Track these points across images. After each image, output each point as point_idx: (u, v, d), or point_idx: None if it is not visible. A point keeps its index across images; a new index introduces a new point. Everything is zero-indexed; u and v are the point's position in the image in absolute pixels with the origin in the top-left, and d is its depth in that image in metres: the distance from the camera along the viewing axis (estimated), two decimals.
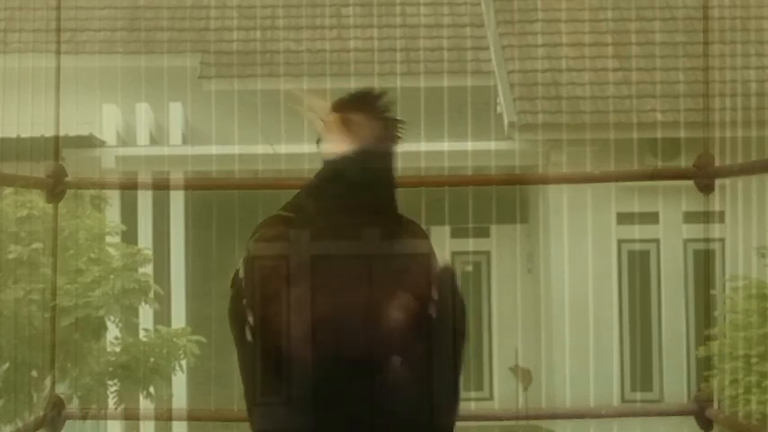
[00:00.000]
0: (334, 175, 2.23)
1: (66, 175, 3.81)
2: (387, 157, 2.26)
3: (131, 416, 8.66)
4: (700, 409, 3.41)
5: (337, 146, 2.25)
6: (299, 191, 2.30)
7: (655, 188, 10.71)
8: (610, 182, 8.36)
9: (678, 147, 10.55)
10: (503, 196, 11.22)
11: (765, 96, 10.96)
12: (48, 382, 6.29)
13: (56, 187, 3.76)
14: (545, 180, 9.13)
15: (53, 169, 3.79)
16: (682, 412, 3.53)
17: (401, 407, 2.11)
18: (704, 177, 3.48)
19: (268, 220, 2.27)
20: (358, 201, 2.20)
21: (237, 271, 2.25)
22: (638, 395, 11.37)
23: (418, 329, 2.11)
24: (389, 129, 2.27)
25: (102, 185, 7.41)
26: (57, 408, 3.77)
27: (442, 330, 2.16)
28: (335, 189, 2.22)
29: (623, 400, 11.28)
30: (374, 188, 2.24)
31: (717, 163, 3.62)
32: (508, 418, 4.34)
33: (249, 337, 2.16)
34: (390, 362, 2.09)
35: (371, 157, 2.24)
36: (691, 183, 3.66)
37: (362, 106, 2.28)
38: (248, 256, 2.22)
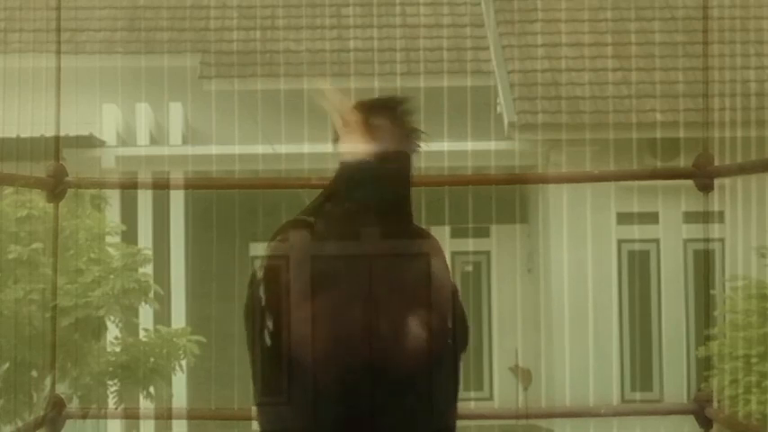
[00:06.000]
0: (355, 180, 2.19)
1: (67, 175, 3.81)
2: (406, 163, 2.23)
3: (131, 416, 8.66)
4: (699, 408, 3.41)
5: (357, 148, 2.21)
6: (320, 194, 2.25)
7: (655, 188, 10.71)
8: (609, 181, 8.35)
9: (678, 147, 10.54)
10: (503, 196, 11.21)
11: (765, 96, 10.96)
12: (48, 382, 6.29)
13: (56, 187, 3.76)
14: (545, 180, 9.11)
15: (53, 169, 3.78)
16: (682, 411, 3.54)
17: (410, 419, 2.11)
18: (704, 177, 3.49)
19: (289, 223, 2.24)
20: (379, 207, 2.17)
21: (255, 272, 2.23)
22: (638, 395, 11.37)
23: (437, 349, 2.11)
24: (411, 136, 2.24)
25: (103, 185, 7.39)
26: (57, 407, 3.77)
27: (453, 349, 2.16)
28: (356, 194, 2.17)
29: (623, 400, 11.29)
30: (395, 195, 2.20)
31: (716, 162, 3.63)
32: (508, 418, 4.34)
33: (268, 341, 2.14)
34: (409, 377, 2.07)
35: (392, 164, 2.20)
36: (691, 183, 3.66)
37: (386, 111, 2.24)
38: (268, 259, 2.19)
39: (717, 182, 3.61)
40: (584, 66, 11.75)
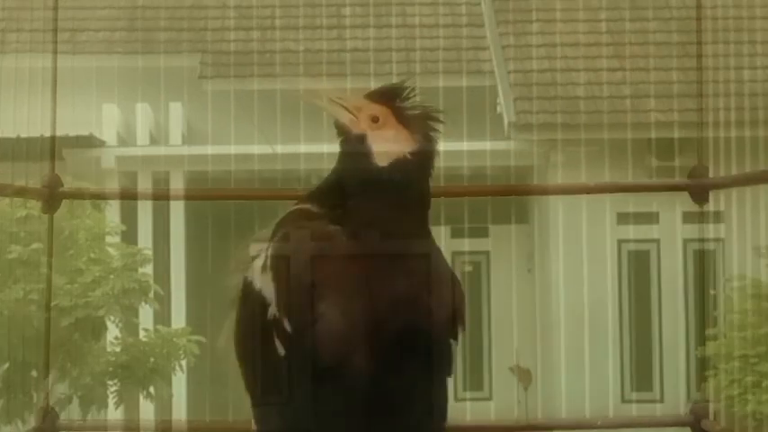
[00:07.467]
0: (383, 177, 2.08)
1: (62, 185, 3.77)
2: (431, 158, 2.16)
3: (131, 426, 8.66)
4: (696, 420, 3.42)
5: (397, 145, 2.11)
6: (326, 180, 2.13)
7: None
8: (604, 193, 8.32)
9: (676, 146, 10.54)
10: (502, 196, 11.20)
11: (759, 97, 10.95)
12: (47, 383, 6.28)
13: (51, 198, 3.72)
14: (541, 191, 9.12)
15: (48, 179, 3.74)
16: (678, 423, 3.55)
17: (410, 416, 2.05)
18: (699, 190, 3.50)
19: (291, 216, 2.13)
20: (404, 204, 2.09)
21: (247, 278, 2.11)
22: (638, 395, 11.37)
23: (447, 345, 2.08)
24: (431, 124, 2.17)
25: (99, 196, 7.35)
26: (50, 417, 3.76)
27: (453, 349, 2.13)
28: (384, 191, 2.07)
29: (623, 399, 11.28)
30: (421, 194, 2.14)
31: (711, 172, 3.64)
32: (505, 427, 4.35)
33: (281, 349, 2.01)
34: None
35: (420, 159, 2.13)
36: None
37: (399, 97, 2.16)
38: (277, 258, 2.05)
39: None
40: (584, 66, 11.74)
